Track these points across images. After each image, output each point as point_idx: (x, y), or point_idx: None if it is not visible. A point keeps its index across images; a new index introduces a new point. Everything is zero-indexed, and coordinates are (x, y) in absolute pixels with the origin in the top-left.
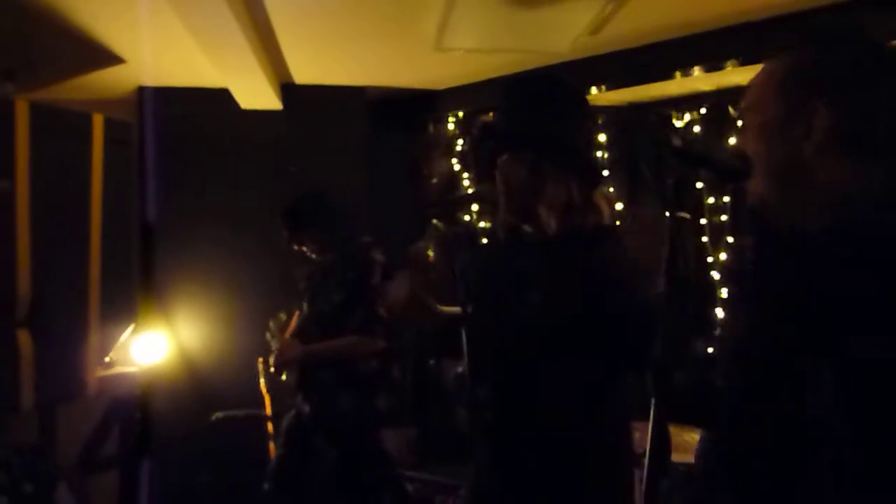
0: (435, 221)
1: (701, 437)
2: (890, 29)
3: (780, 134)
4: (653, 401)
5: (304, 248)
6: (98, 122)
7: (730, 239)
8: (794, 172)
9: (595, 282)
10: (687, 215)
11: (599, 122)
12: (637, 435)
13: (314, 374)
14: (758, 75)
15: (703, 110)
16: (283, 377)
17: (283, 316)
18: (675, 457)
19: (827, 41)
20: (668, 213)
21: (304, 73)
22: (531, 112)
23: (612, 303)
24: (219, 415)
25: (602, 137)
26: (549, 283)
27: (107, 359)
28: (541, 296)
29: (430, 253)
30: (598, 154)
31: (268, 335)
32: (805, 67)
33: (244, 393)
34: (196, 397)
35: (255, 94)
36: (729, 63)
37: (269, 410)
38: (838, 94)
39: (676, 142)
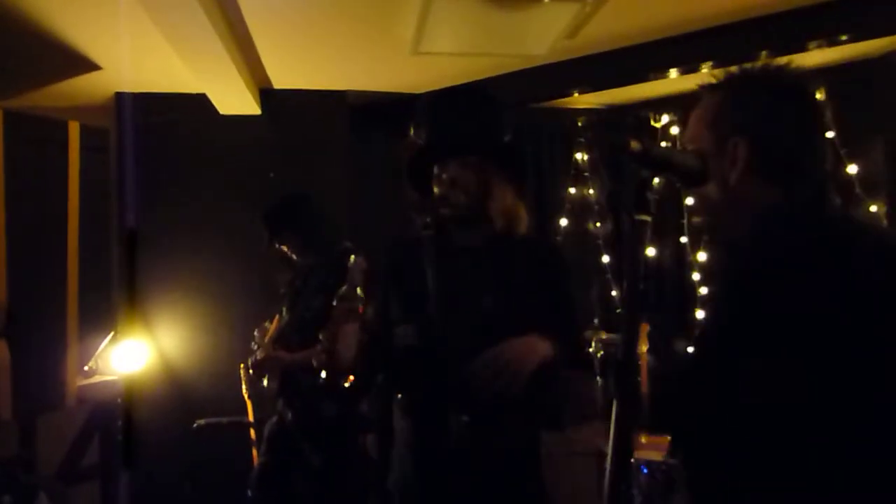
0: (353, 258)
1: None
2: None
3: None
4: (614, 402)
5: (286, 249)
6: (74, 129)
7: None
8: (725, 195)
9: (543, 283)
10: (647, 218)
11: (579, 124)
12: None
13: (296, 381)
14: (693, 113)
15: (680, 111)
16: (265, 383)
17: (267, 324)
18: (650, 455)
19: (744, 82)
20: (628, 216)
21: (283, 77)
22: (471, 119)
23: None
24: (201, 422)
25: (581, 140)
26: (503, 285)
27: (87, 367)
28: (494, 298)
29: (361, 294)
30: (578, 156)
31: (253, 344)
32: (728, 108)
33: (226, 400)
34: (178, 405)
35: (234, 99)
36: (705, 65)
37: (251, 417)
38: (754, 130)
39: (635, 145)
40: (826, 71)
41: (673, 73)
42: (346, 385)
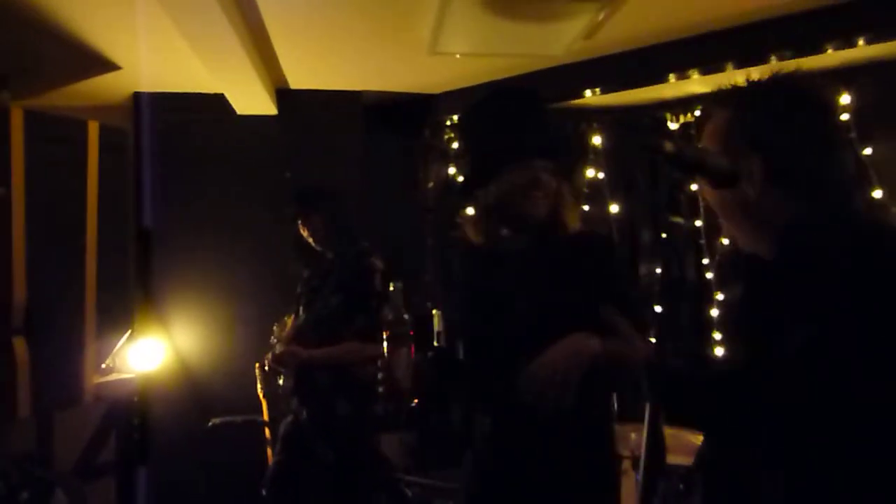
0: (392, 285)
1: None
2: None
3: None
4: (648, 403)
5: (307, 232)
6: (93, 128)
7: (724, 241)
8: (744, 211)
9: (597, 280)
10: (681, 220)
11: (594, 125)
12: (633, 437)
13: (311, 380)
14: (705, 128)
15: (697, 112)
16: (280, 381)
17: (287, 319)
18: (671, 459)
19: (753, 96)
20: (662, 218)
21: (300, 78)
22: (543, 122)
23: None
24: (216, 421)
25: (597, 140)
26: (557, 285)
27: (104, 365)
28: (539, 295)
29: (407, 318)
30: (593, 156)
31: (272, 339)
32: (738, 124)
33: (241, 399)
34: (193, 403)
35: (251, 99)
36: (726, 66)
37: (266, 416)
38: (767, 145)
39: (669, 147)
40: (847, 72)
41: (691, 73)
42: (413, 406)
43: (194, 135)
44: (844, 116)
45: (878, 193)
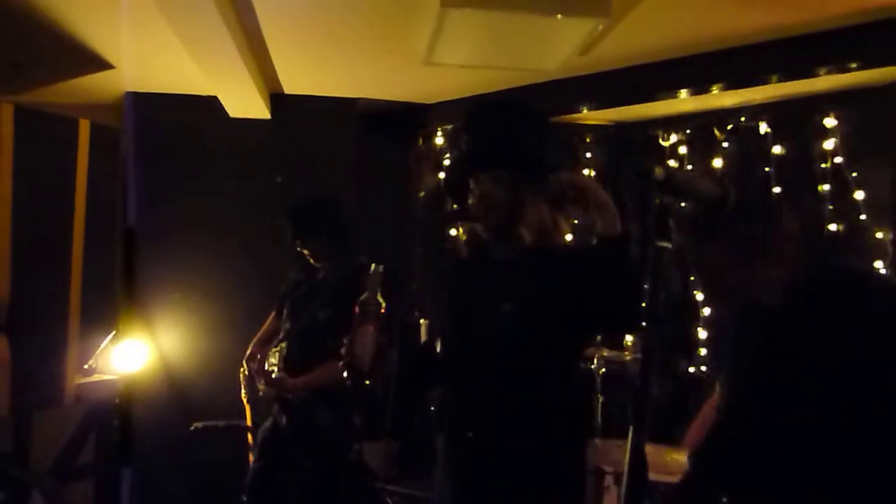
0: (373, 266)
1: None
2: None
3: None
4: (631, 423)
5: (306, 252)
6: (84, 127)
7: None
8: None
9: (569, 295)
10: (668, 245)
11: (587, 140)
12: (616, 452)
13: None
14: None
15: (688, 131)
16: (261, 388)
17: (283, 346)
18: (653, 476)
19: None
20: (650, 244)
21: (294, 83)
22: (505, 134)
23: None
24: (199, 424)
25: (588, 155)
26: (524, 297)
27: (86, 366)
28: (515, 308)
29: (380, 299)
30: (585, 172)
31: (267, 365)
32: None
33: (225, 403)
34: (176, 406)
35: (245, 103)
36: (715, 87)
37: (249, 421)
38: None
39: (659, 172)
40: (836, 96)
41: (683, 93)
42: (366, 384)
43: (186, 136)
44: (832, 140)
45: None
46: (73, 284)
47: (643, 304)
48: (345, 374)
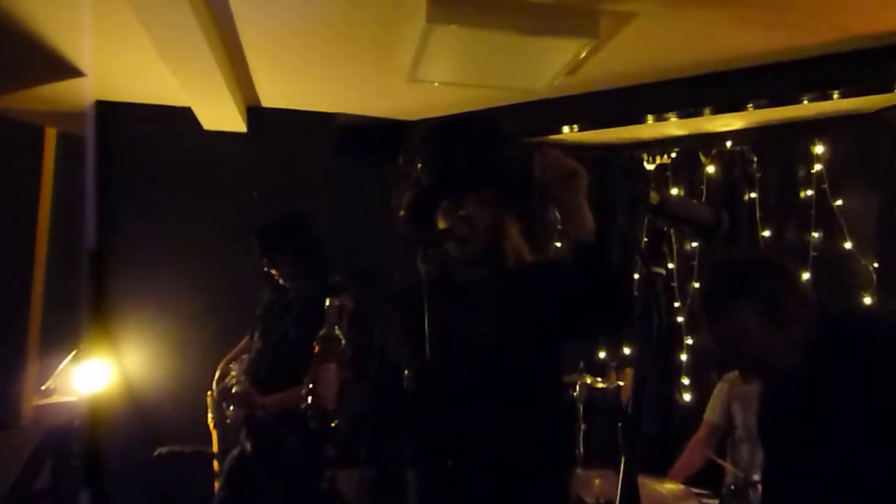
0: (329, 300)
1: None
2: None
3: None
4: (623, 453)
5: (275, 272)
6: (51, 135)
7: (696, 284)
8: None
9: (544, 313)
10: (662, 271)
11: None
12: (598, 483)
13: (260, 416)
14: None
15: (673, 154)
16: (229, 412)
17: (247, 358)
18: None
19: None
20: (644, 269)
21: (272, 96)
22: (490, 153)
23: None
24: (163, 450)
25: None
26: (503, 318)
27: (44, 387)
28: (493, 331)
29: (339, 334)
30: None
31: (230, 379)
32: None
33: (191, 427)
34: (139, 430)
35: (220, 115)
36: (704, 110)
37: (216, 447)
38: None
39: (654, 197)
40: (822, 123)
41: (669, 116)
42: (333, 427)
43: (157, 148)
44: (817, 166)
45: (847, 245)
46: (33, 300)
47: (628, 301)
48: (308, 415)
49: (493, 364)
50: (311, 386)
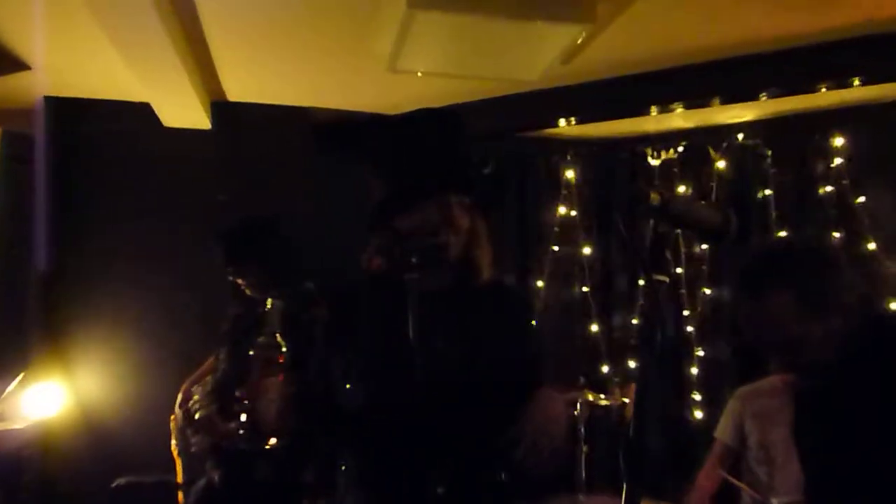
0: (270, 301)
1: None
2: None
3: None
4: (624, 478)
5: (242, 282)
6: None
7: (707, 291)
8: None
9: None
10: (665, 279)
11: (567, 157)
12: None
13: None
14: None
15: (679, 149)
16: (193, 439)
17: (210, 380)
18: None
19: None
20: (645, 277)
21: (239, 89)
22: (458, 152)
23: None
24: (122, 481)
25: (570, 174)
26: (469, 336)
27: None
28: (460, 349)
29: (280, 341)
30: (565, 192)
31: (193, 403)
32: None
33: (153, 456)
34: (96, 459)
35: (181, 110)
36: (712, 100)
37: (180, 477)
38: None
39: (655, 198)
40: (840, 113)
41: (675, 107)
42: (268, 448)
43: (111, 148)
44: (836, 161)
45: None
46: None
47: None
48: (240, 432)
49: (477, 380)
50: (248, 403)
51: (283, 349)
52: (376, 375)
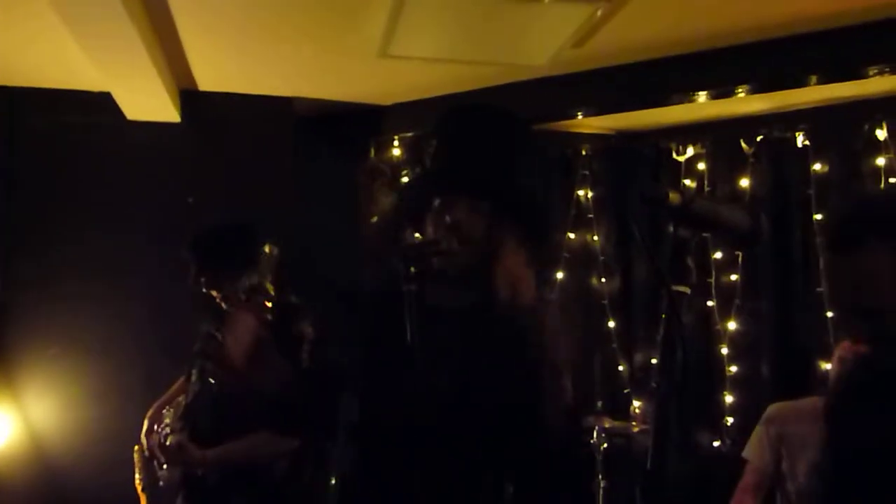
0: (269, 246)
1: None
2: None
3: None
4: None
5: (216, 295)
6: None
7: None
8: None
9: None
10: (686, 290)
11: (584, 153)
12: None
13: (201, 474)
14: None
15: (708, 143)
16: (161, 471)
17: (182, 402)
18: None
19: None
20: (664, 288)
21: (212, 78)
22: (492, 151)
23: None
24: None
25: (585, 172)
26: (486, 364)
27: None
28: (496, 370)
29: (270, 288)
30: (581, 193)
31: (163, 428)
32: None
33: (113, 491)
34: (49, 495)
35: (146, 101)
36: (741, 89)
37: None
38: None
39: (675, 198)
40: (890, 102)
41: (701, 96)
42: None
43: (68, 144)
44: (884, 156)
45: None
46: None
47: None
48: (205, 368)
49: (488, 409)
50: (216, 332)
51: (272, 291)
52: (368, 392)
